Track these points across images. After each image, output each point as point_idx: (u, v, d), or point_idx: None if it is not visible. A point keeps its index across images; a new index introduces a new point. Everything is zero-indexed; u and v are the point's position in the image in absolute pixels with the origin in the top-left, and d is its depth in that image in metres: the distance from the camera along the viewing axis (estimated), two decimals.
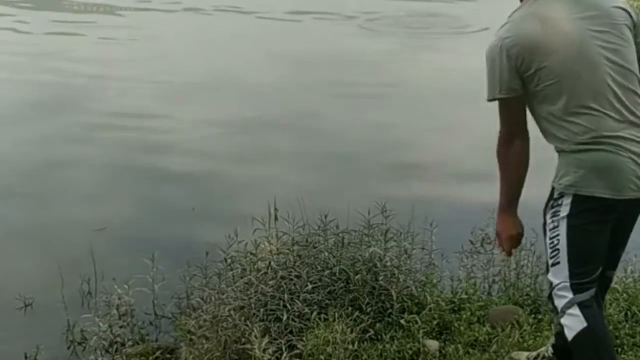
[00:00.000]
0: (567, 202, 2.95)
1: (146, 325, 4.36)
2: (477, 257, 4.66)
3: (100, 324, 4.10)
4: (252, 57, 10.35)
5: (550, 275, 3.03)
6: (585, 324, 2.92)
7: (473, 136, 6.79)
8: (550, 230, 3.01)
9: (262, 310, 3.71)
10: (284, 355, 3.58)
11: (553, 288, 3.01)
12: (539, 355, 3.56)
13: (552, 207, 3.00)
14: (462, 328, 3.92)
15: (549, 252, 3.03)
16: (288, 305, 3.73)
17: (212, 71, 9.70)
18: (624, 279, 4.26)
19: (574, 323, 2.95)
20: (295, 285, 3.82)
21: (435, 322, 3.92)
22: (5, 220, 5.72)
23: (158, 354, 3.96)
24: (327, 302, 3.81)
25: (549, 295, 3.07)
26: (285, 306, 3.73)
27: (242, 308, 3.72)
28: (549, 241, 3.02)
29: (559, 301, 3.00)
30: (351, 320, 3.72)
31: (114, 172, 6.66)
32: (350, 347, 3.63)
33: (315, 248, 4.07)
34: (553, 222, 3.00)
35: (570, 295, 2.96)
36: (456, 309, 4.09)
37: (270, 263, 3.93)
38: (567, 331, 2.96)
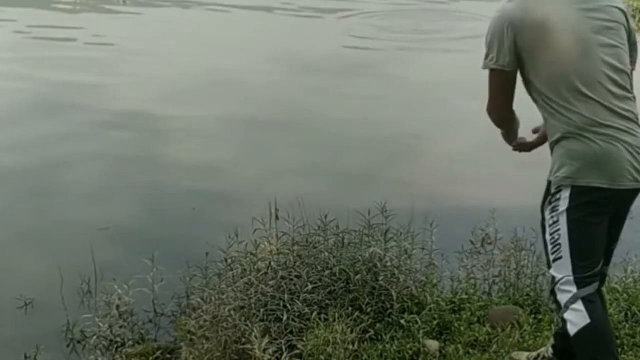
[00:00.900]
0: (565, 195, 2.96)
1: (146, 325, 4.35)
2: (477, 257, 4.67)
3: (100, 324, 4.11)
4: (252, 57, 10.34)
5: (552, 271, 3.03)
6: (589, 320, 2.92)
7: (473, 136, 6.79)
8: (550, 226, 3.02)
9: (262, 310, 3.71)
10: (284, 355, 3.58)
11: (556, 283, 3.01)
12: (539, 355, 3.56)
13: (551, 203, 3.01)
14: (462, 328, 3.92)
15: (550, 247, 3.02)
16: (288, 305, 3.73)
17: (212, 71, 9.68)
18: (624, 279, 4.26)
19: (576, 318, 2.94)
20: (295, 285, 3.82)
21: (435, 322, 3.92)
22: (5, 221, 5.72)
23: (158, 353, 3.96)
24: (327, 302, 3.81)
25: (552, 291, 3.07)
26: (285, 306, 3.73)
27: (242, 308, 3.72)
28: (549, 237, 3.02)
29: (562, 296, 2.99)
30: (351, 320, 3.72)
31: (113, 171, 6.65)
32: (350, 347, 3.63)
33: (315, 248, 4.07)
34: (552, 217, 3.00)
35: (574, 290, 2.95)
36: (456, 309, 4.09)
37: (270, 263, 3.94)
38: (570, 326, 2.96)
